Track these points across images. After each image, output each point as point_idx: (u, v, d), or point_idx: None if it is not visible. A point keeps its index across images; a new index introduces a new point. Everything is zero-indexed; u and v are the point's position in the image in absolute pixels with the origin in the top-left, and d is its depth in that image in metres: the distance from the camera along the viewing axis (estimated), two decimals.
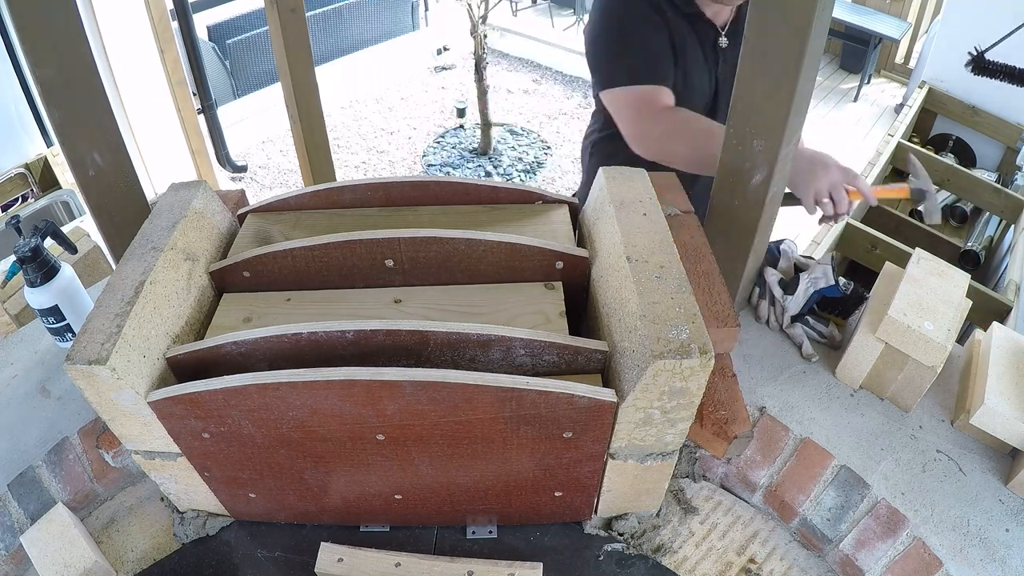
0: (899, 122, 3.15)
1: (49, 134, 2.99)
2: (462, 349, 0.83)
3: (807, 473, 1.03)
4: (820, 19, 0.91)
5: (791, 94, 0.96)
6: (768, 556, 1.02)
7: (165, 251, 0.88)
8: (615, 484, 0.94)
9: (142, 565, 1.01)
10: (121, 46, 3.29)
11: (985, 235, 2.96)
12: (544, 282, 0.97)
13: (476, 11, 4.10)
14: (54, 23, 1.02)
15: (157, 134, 3.61)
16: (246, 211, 1.08)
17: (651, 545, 1.01)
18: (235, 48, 4.56)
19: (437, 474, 0.91)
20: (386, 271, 0.96)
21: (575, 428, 0.82)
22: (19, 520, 1.02)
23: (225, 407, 0.80)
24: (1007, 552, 0.97)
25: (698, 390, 0.78)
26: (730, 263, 1.19)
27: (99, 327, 0.78)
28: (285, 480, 0.93)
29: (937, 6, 4.96)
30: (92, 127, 1.12)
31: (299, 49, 1.90)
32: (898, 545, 0.97)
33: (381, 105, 5.24)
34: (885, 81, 5.40)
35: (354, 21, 5.17)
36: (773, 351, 1.23)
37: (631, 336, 0.79)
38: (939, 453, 1.09)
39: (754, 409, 1.11)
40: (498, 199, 1.07)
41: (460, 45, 5.77)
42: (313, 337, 0.82)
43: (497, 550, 0.99)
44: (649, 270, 0.83)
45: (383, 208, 1.07)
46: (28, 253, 1.11)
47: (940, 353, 1.04)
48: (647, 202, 0.94)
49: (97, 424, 1.08)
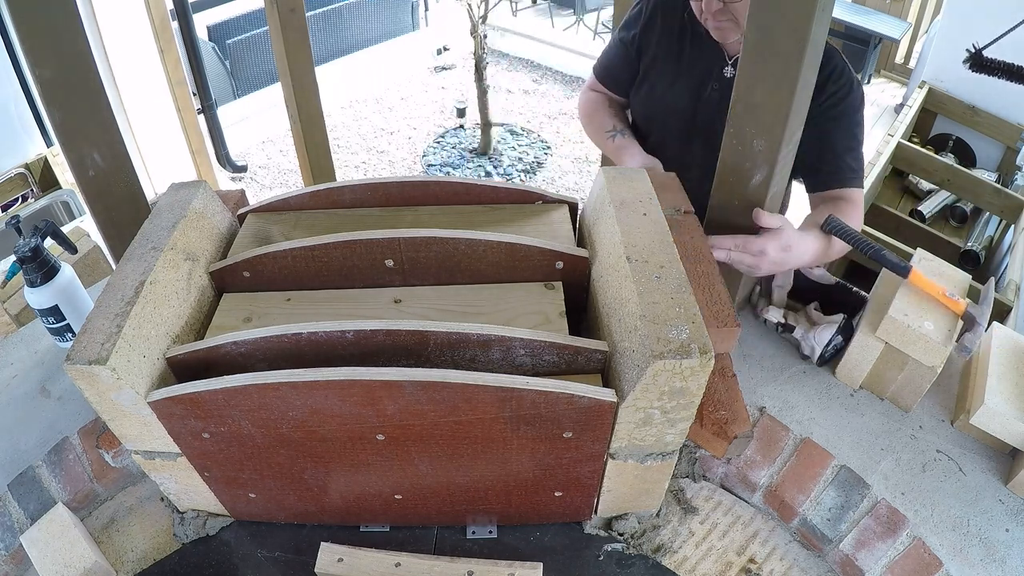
0: (899, 122, 3.15)
1: (49, 134, 2.99)
2: (462, 349, 0.83)
3: (807, 473, 1.03)
4: (820, 19, 0.91)
5: (791, 94, 0.97)
6: (768, 556, 1.02)
7: (165, 251, 0.88)
8: (615, 484, 0.94)
9: (142, 565, 1.01)
10: (121, 46, 3.29)
11: (985, 235, 2.96)
12: (544, 282, 0.97)
13: (476, 11, 4.10)
14: (54, 23, 1.02)
15: (157, 134, 3.61)
16: (246, 211, 1.08)
17: (651, 545, 1.01)
18: (235, 48, 4.56)
19: (437, 474, 0.91)
20: (386, 271, 0.96)
21: (575, 428, 0.82)
22: (19, 520, 1.02)
23: (225, 407, 0.80)
24: (1007, 552, 0.97)
25: (698, 390, 0.78)
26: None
27: (99, 327, 0.78)
28: (285, 480, 0.93)
29: (937, 6, 4.96)
30: (92, 127, 1.12)
31: (299, 49, 1.90)
32: (898, 545, 0.97)
33: (381, 105, 5.24)
34: (885, 81, 5.39)
35: (354, 21, 5.17)
36: (773, 351, 1.23)
37: (631, 336, 0.79)
38: (939, 453, 1.09)
39: (754, 409, 1.11)
40: (498, 199, 1.07)
41: (460, 45, 5.77)
42: (313, 337, 0.82)
43: (497, 550, 0.99)
44: (649, 270, 0.83)
45: (383, 208, 1.07)
46: (28, 253, 1.11)
47: (940, 353, 1.04)
48: (647, 202, 0.94)
49: (97, 424, 1.08)
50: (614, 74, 1.57)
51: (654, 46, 1.46)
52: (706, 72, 1.42)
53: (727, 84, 1.42)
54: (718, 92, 1.42)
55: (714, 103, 1.42)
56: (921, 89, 3.32)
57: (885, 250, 1.12)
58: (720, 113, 1.41)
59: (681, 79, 1.44)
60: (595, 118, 1.56)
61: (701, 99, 1.44)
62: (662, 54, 1.45)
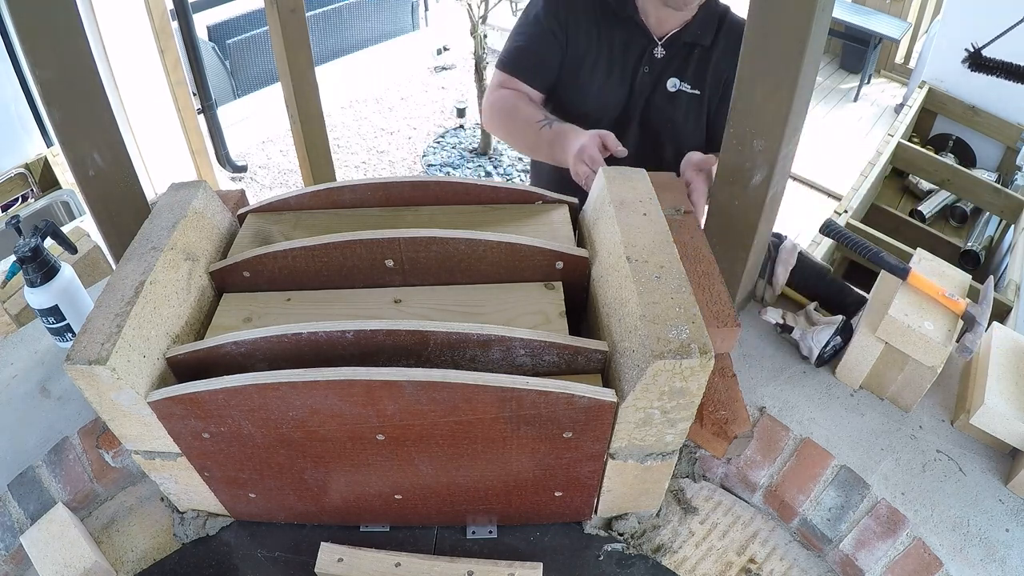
0: (899, 122, 3.15)
1: (49, 134, 2.99)
2: (462, 349, 0.83)
3: (807, 473, 1.03)
4: (820, 19, 0.91)
5: (791, 94, 0.96)
6: (768, 556, 1.02)
7: (165, 251, 0.88)
8: (615, 484, 0.94)
9: (142, 565, 1.01)
10: (121, 46, 3.28)
11: (985, 235, 2.96)
12: (544, 282, 0.97)
13: (476, 11, 4.10)
14: (54, 23, 1.02)
15: (157, 134, 3.61)
16: (246, 211, 1.08)
17: (651, 545, 1.01)
18: (235, 48, 4.55)
19: (437, 474, 0.91)
20: (386, 271, 0.96)
21: (575, 428, 0.82)
22: (19, 520, 1.02)
23: (225, 407, 0.80)
24: (1007, 552, 0.97)
25: (698, 390, 0.78)
26: (730, 263, 1.19)
27: (99, 327, 0.78)
28: (285, 480, 0.93)
29: (937, 6, 4.96)
30: (92, 127, 1.12)
31: (299, 49, 1.90)
32: (898, 545, 0.97)
33: (381, 105, 5.23)
34: (885, 81, 5.40)
35: (354, 21, 5.16)
36: (773, 351, 1.23)
37: (631, 336, 0.79)
38: (939, 453, 1.09)
39: (754, 409, 1.11)
40: (498, 199, 1.07)
41: (460, 45, 5.76)
42: (313, 337, 0.82)
43: (497, 550, 0.99)
44: (649, 270, 0.83)
45: (383, 208, 1.07)
46: (28, 253, 1.11)
47: (940, 353, 1.03)
48: (647, 202, 0.94)
49: (97, 424, 1.08)
50: (538, 67, 1.44)
51: (583, 35, 1.41)
52: (637, 57, 1.41)
53: (657, 65, 1.42)
54: (650, 76, 1.41)
55: (647, 88, 1.42)
56: (921, 89, 3.32)
57: (884, 252, 1.12)
58: (654, 96, 1.44)
59: (616, 68, 1.42)
60: (517, 114, 1.40)
61: (635, 85, 1.43)
62: (593, 44, 1.41)
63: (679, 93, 1.42)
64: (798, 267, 1.26)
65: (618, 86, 1.43)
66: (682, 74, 1.41)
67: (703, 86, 1.42)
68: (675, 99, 1.43)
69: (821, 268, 1.28)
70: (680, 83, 1.41)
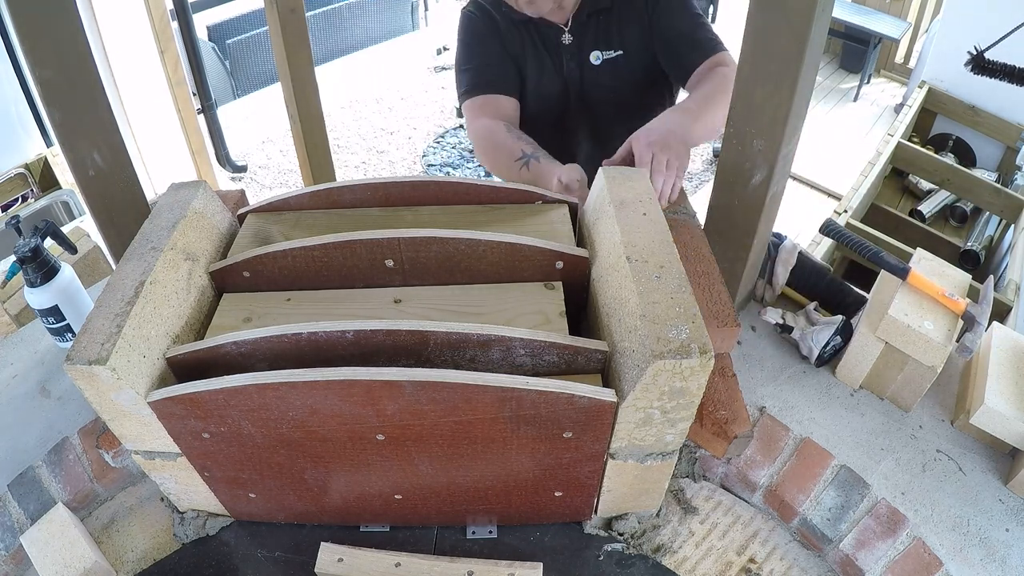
0: (899, 122, 3.15)
1: (49, 134, 2.99)
2: (462, 349, 0.83)
3: (807, 473, 1.03)
4: (820, 19, 0.91)
5: (791, 94, 0.96)
6: (768, 556, 1.02)
7: (165, 251, 0.88)
8: (615, 484, 0.94)
9: (142, 565, 1.01)
10: (121, 46, 3.28)
11: (985, 235, 2.96)
12: (544, 282, 0.97)
13: None
14: (54, 23, 1.02)
15: (157, 134, 3.61)
16: (246, 211, 1.08)
17: (651, 545, 1.01)
18: (235, 48, 4.55)
19: (437, 474, 0.91)
20: (386, 271, 0.96)
21: (575, 428, 0.82)
22: (19, 520, 1.02)
23: (225, 407, 0.80)
24: (1007, 552, 0.97)
25: (698, 390, 0.78)
26: (730, 263, 1.19)
27: (99, 327, 0.78)
28: (285, 480, 0.93)
29: (937, 6, 4.96)
30: (92, 127, 1.12)
31: (299, 49, 1.90)
32: (898, 545, 0.97)
33: (381, 105, 5.23)
34: (885, 81, 5.39)
35: (354, 21, 5.17)
36: (773, 351, 1.23)
37: (631, 336, 0.79)
38: (939, 453, 1.09)
39: (754, 409, 1.11)
40: (498, 199, 1.07)
41: None
42: (313, 337, 0.82)
43: (497, 550, 0.99)
44: (649, 270, 0.83)
45: (383, 208, 1.07)
46: (28, 253, 1.11)
47: (940, 353, 1.04)
48: (647, 202, 0.94)
49: (97, 424, 1.08)
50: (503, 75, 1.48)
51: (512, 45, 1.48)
52: (555, 50, 1.47)
53: (573, 48, 1.48)
54: (573, 60, 1.47)
55: (575, 71, 1.48)
56: (921, 89, 3.32)
57: (884, 252, 1.12)
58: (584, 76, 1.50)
59: (544, 65, 1.48)
60: (499, 150, 1.36)
61: (565, 74, 1.49)
62: (519, 50, 1.48)
63: (603, 63, 1.48)
64: (798, 267, 1.26)
65: (551, 83, 1.50)
66: (599, 44, 1.47)
67: (623, 44, 1.46)
68: (603, 69, 1.48)
69: (821, 268, 1.28)
70: (602, 54, 1.47)
